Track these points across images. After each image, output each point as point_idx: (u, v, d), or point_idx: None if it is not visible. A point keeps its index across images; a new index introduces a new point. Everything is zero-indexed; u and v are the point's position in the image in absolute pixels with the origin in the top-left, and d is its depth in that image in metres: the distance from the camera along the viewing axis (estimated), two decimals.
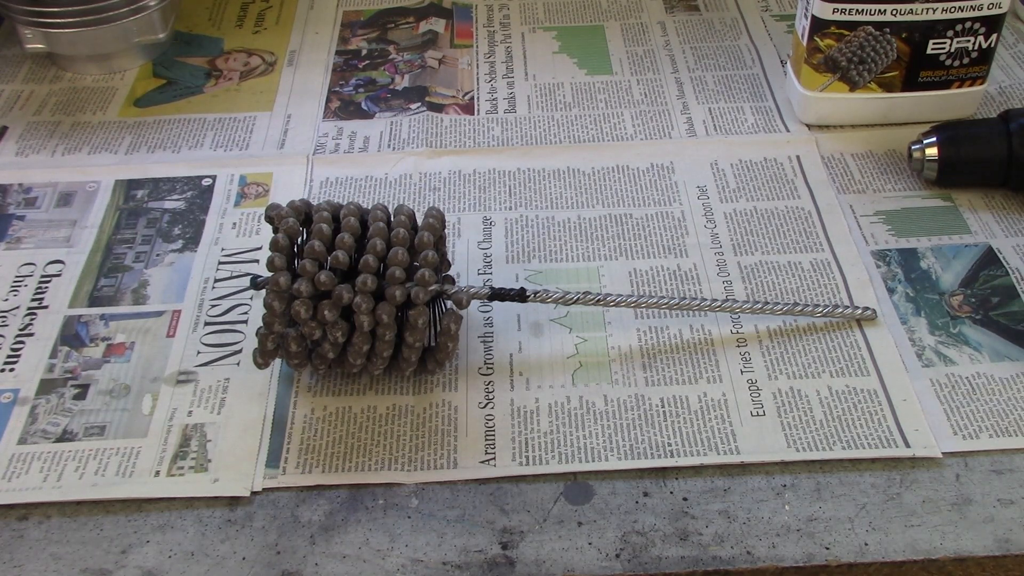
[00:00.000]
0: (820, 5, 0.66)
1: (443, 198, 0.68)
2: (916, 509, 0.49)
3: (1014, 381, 0.54)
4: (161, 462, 0.52)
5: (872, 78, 0.69)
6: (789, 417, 0.53)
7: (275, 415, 0.54)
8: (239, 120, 0.76)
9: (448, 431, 0.53)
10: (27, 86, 0.80)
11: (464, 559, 0.47)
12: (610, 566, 0.47)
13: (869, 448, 0.51)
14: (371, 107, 0.77)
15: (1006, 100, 0.74)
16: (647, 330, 0.58)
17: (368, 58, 0.82)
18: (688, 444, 0.52)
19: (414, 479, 0.51)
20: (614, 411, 0.54)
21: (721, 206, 0.66)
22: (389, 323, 0.51)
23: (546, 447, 0.52)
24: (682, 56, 0.81)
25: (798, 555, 0.47)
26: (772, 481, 0.50)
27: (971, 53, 0.68)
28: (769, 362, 0.56)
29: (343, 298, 0.50)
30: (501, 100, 0.77)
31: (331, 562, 0.48)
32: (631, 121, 0.74)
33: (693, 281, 0.61)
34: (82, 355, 0.58)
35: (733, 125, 0.73)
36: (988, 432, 0.52)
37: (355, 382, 0.56)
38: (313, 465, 0.52)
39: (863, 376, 0.55)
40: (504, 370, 0.56)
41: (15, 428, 0.54)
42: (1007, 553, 0.47)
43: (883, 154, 0.70)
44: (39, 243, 0.66)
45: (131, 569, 0.48)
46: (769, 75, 0.78)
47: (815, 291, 0.60)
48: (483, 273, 0.62)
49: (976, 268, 0.61)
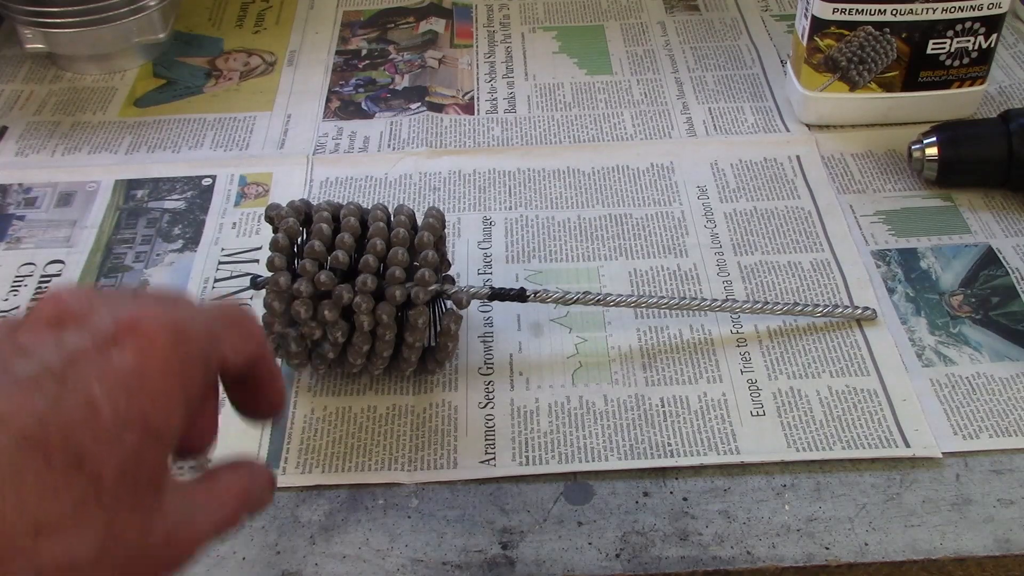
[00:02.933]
0: (820, 5, 0.66)
1: (443, 198, 0.68)
2: (916, 509, 0.49)
3: (1014, 381, 0.54)
4: None
5: (872, 78, 0.69)
6: (789, 417, 0.53)
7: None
8: (239, 120, 0.76)
9: (448, 431, 0.53)
10: (27, 86, 0.81)
11: (464, 559, 0.47)
12: (610, 566, 0.47)
13: (869, 448, 0.51)
14: (371, 107, 0.77)
15: (1006, 100, 0.74)
16: (647, 330, 0.58)
17: (368, 58, 0.82)
18: (688, 444, 0.52)
19: (414, 479, 0.51)
20: (614, 411, 0.54)
21: (721, 206, 0.66)
22: (389, 323, 0.51)
23: (546, 447, 0.52)
24: (682, 56, 0.81)
25: (798, 555, 0.47)
26: (772, 481, 0.50)
27: (971, 53, 0.68)
28: (769, 362, 0.56)
29: (343, 298, 0.50)
30: (501, 100, 0.77)
31: (331, 562, 0.48)
32: (631, 121, 0.74)
33: (693, 281, 0.61)
34: None
35: (733, 125, 0.73)
36: (988, 432, 0.52)
37: (355, 382, 0.56)
38: (313, 465, 0.52)
39: (863, 376, 0.55)
40: (504, 370, 0.56)
41: None
42: (1007, 553, 0.47)
43: (883, 154, 0.70)
44: (39, 243, 0.66)
45: None
46: (769, 75, 0.78)
47: (815, 291, 0.60)
48: (483, 273, 0.62)
49: (976, 268, 0.61)
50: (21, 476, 0.26)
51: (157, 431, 0.29)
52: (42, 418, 0.26)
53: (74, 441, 0.27)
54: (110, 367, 0.28)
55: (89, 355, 0.28)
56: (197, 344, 0.31)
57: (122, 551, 0.28)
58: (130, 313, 0.30)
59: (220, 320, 0.33)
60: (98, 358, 0.28)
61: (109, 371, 0.28)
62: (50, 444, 0.26)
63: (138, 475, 0.28)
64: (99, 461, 0.27)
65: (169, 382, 0.29)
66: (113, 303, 0.31)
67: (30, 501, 0.26)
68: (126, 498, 0.28)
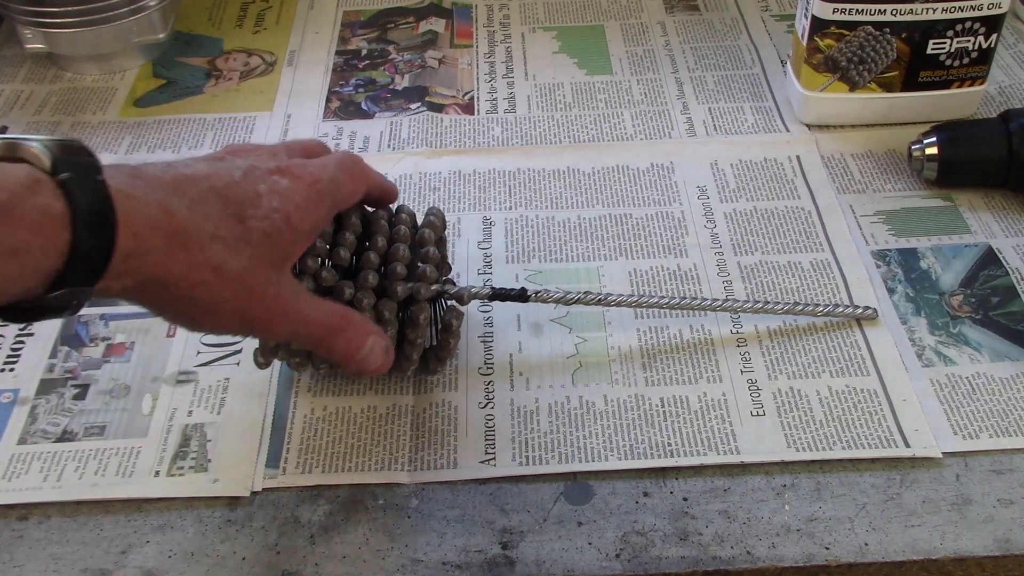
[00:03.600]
0: (820, 5, 0.66)
1: (443, 198, 0.68)
2: (916, 509, 0.49)
3: (1014, 381, 0.54)
4: (161, 462, 0.52)
5: (872, 78, 0.69)
6: (789, 417, 0.53)
7: (275, 415, 0.54)
8: (239, 120, 0.76)
9: (448, 431, 0.53)
10: (27, 86, 0.80)
11: (464, 559, 0.47)
12: (610, 566, 0.47)
13: (869, 448, 0.51)
14: (371, 107, 0.77)
15: (1006, 100, 0.74)
16: (647, 330, 0.58)
17: (368, 58, 0.82)
18: (688, 444, 0.52)
19: (414, 479, 0.51)
20: (614, 411, 0.54)
21: (721, 206, 0.66)
22: (391, 319, 0.51)
23: (546, 447, 0.52)
24: (682, 56, 0.81)
25: (798, 555, 0.47)
26: (772, 481, 0.50)
27: (971, 53, 0.68)
28: (769, 362, 0.56)
29: (345, 294, 0.50)
30: (501, 100, 0.77)
31: (331, 562, 0.48)
32: (631, 121, 0.74)
33: (693, 281, 0.61)
34: (82, 355, 0.58)
35: (733, 125, 0.73)
36: (988, 432, 0.52)
37: (355, 382, 0.56)
38: (313, 465, 0.52)
39: (863, 376, 0.55)
40: (504, 370, 0.56)
41: (15, 428, 0.54)
42: (1007, 553, 0.47)
43: (883, 154, 0.70)
44: None
45: (131, 569, 0.48)
46: (769, 75, 0.78)
47: (815, 291, 0.60)
48: (483, 273, 0.62)
49: (976, 268, 0.61)
50: (209, 206, 0.41)
51: (292, 224, 0.44)
52: (228, 183, 0.43)
53: (242, 204, 0.43)
54: (273, 181, 0.45)
55: (260, 172, 0.45)
56: (324, 186, 0.47)
57: (249, 280, 0.43)
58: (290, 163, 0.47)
59: (340, 169, 0.48)
60: (266, 175, 0.45)
61: (272, 183, 0.45)
62: (228, 199, 0.42)
63: (273, 244, 0.44)
64: (254, 221, 0.43)
65: (304, 203, 0.45)
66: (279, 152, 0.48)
67: (211, 220, 0.41)
68: (263, 251, 0.43)
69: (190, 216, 0.40)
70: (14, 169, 0.36)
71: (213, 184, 0.42)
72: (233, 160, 0.45)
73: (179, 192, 0.41)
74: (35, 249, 0.35)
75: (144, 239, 0.38)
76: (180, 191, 0.41)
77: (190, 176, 0.42)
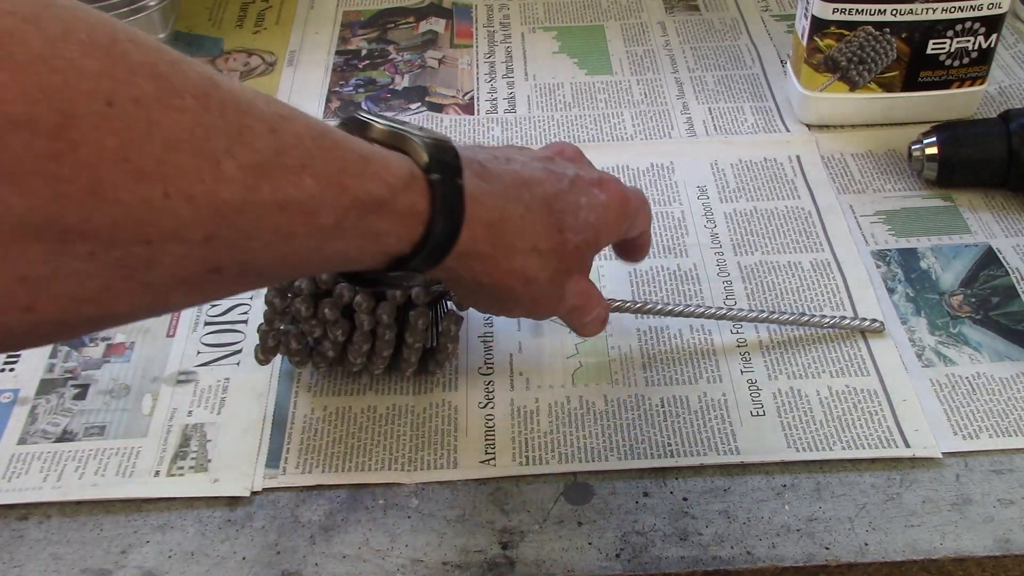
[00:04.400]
0: (820, 5, 0.66)
1: None
2: (916, 509, 0.49)
3: (1014, 381, 0.54)
4: (161, 462, 0.52)
5: (872, 78, 0.69)
6: (789, 417, 0.53)
7: (275, 415, 0.54)
8: None
9: (448, 431, 0.53)
10: None
11: (464, 559, 0.47)
12: (610, 566, 0.47)
13: (869, 448, 0.51)
14: (371, 107, 0.77)
15: (1006, 100, 0.74)
16: (647, 330, 0.58)
17: (368, 58, 0.82)
18: (688, 444, 0.52)
19: (414, 479, 0.51)
20: (614, 411, 0.54)
21: (721, 206, 0.66)
22: (389, 323, 0.51)
23: (546, 447, 0.52)
24: (682, 56, 0.81)
25: (798, 555, 0.47)
26: (772, 481, 0.50)
27: (971, 53, 0.68)
28: (769, 362, 0.56)
29: (343, 296, 0.50)
30: (501, 100, 0.77)
31: (331, 562, 0.48)
32: (631, 121, 0.74)
33: (693, 281, 0.61)
34: (82, 355, 0.58)
35: (733, 125, 0.73)
36: (988, 432, 0.52)
37: (355, 382, 0.56)
38: (313, 465, 0.52)
39: (863, 376, 0.55)
40: (504, 370, 0.56)
41: (15, 428, 0.54)
42: (1007, 553, 0.47)
43: (883, 154, 0.70)
44: None
45: (131, 569, 0.48)
46: (769, 75, 0.78)
47: (815, 291, 0.60)
48: None
49: (976, 268, 0.61)
50: (537, 216, 0.44)
51: (599, 240, 0.48)
52: (556, 193, 0.45)
53: (564, 215, 0.45)
54: (593, 195, 0.47)
55: (584, 182, 0.47)
56: (630, 209, 0.49)
57: (549, 288, 0.46)
58: (605, 175, 0.49)
59: (638, 197, 0.51)
60: (587, 187, 0.47)
61: (592, 196, 0.47)
62: (554, 208, 0.45)
63: (579, 256, 0.47)
64: (570, 233, 0.46)
65: (614, 220, 0.48)
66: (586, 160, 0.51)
67: (536, 231, 0.44)
68: (569, 263, 0.46)
69: (520, 226, 0.43)
70: (398, 164, 0.39)
71: (545, 191, 0.45)
72: (563, 165, 0.47)
73: (517, 198, 0.44)
74: (393, 237, 0.39)
75: (478, 242, 0.42)
76: (518, 196, 0.44)
77: (527, 180, 0.45)
